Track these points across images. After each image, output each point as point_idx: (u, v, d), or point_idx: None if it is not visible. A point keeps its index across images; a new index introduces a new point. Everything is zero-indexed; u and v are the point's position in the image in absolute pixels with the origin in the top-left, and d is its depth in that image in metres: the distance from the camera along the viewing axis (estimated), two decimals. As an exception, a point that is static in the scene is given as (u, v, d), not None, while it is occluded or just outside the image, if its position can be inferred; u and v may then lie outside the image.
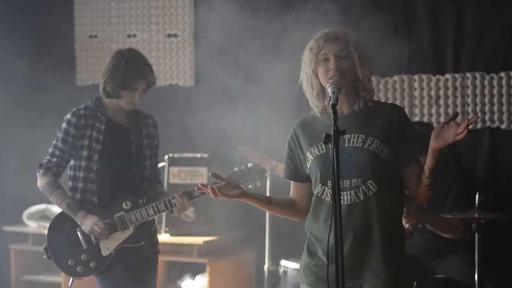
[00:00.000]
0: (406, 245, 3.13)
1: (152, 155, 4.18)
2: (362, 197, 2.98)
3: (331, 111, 2.80)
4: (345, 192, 2.97)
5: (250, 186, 4.21)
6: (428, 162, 2.97)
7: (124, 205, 4.03)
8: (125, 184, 4.06)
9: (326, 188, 3.02)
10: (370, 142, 2.99)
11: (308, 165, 3.06)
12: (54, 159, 4.06)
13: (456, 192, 4.65)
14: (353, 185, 2.98)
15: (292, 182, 3.19)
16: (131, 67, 4.01)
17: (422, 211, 4.42)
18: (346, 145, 2.97)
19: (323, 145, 3.00)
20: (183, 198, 4.02)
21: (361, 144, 2.99)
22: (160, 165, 4.72)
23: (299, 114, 3.21)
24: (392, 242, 3.02)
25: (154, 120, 4.22)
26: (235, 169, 4.20)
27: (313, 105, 3.07)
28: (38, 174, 4.10)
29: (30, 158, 4.80)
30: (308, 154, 3.06)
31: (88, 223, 3.97)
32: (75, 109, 4.09)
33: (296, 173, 3.15)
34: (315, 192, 3.07)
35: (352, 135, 2.99)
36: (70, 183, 4.09)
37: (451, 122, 2.89)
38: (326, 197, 3.02)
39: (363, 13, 5.43)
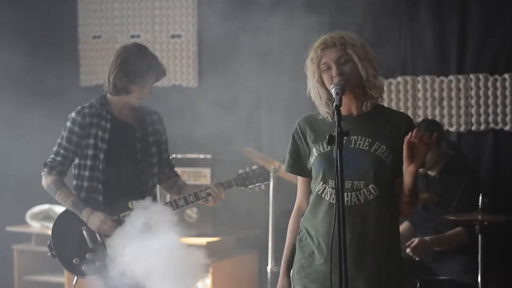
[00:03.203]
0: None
1: (162, 151, 4.18)
2: (362, 200, 2.98)
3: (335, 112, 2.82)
4: (345, 193, 2.95)
5: (256, 189, 4.23)
6: (407, 182, 2.97)
7: (130, 205, 4.01)
8: (130, 183, 4.05)
9: (327, 187, 3.01)
10: (376, 147, 2.99)
11: (312, 161, 3.06)
12: (59, 158, 4.06)
13: (462, 193, 4.66)
14: (354, 187, 2.97)
15: (299, 178, 3.17)
16: (141, 60, 4.00)
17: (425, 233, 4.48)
18: (352, 146, 2.97)
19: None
20: (219, 188, 4.05)
21: (367, 147, 2.99)
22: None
23: (302, 114, 3.20)
24: (387, 248, 3.02)
25: (160, 116, 4.21)
26: (240, 171, 4.20)
27: (323, 113, 3.07)
28: (42, 173, 4.09)
29: (34, 158, 4.79)
30: (313, 150, 3.05)
31: (95, 221, 3.97)
32: (79, 107, 4.08)
33: (301, 166, 3.12)
34: (316, 189, 3.06)
35: (359, 137, 2.99)
36: (75, 182, 4.08)
37: (414, 141, 2.90)
38: (326, 195, 3.02)
39: (366, 14, 5.43)
